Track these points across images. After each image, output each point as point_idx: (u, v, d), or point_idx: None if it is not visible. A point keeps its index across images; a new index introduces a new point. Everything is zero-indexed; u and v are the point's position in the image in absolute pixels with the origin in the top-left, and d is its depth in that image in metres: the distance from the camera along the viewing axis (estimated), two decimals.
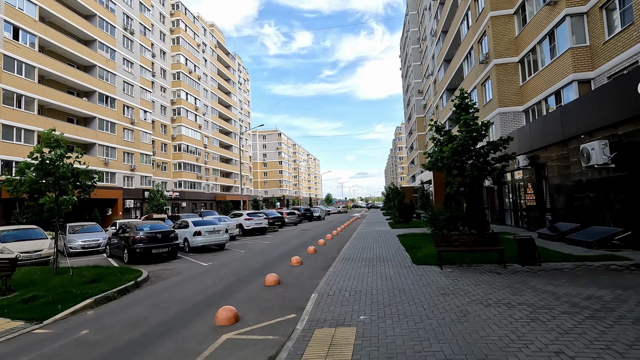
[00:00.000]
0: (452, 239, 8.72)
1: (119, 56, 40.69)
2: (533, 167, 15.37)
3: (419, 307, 5.49)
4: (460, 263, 8.78)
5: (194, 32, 59.40)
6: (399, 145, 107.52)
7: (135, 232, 12.28)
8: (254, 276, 9.22)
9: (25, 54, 29.58)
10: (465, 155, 11.34)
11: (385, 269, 8.64)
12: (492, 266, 8.37)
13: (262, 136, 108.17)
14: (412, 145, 61.49)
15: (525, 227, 16.74)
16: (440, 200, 23.09)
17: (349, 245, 13.99)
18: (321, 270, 9.47)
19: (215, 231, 14.94)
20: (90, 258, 14.30)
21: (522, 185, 16.94)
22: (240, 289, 7.94)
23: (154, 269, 11.07)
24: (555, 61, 16.14)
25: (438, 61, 37.61)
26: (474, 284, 6.78)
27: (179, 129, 53.35)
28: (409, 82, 61.64)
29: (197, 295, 7.44)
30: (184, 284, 8.69)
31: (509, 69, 20.36)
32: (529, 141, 15.26)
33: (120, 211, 37.22)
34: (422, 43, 51.02)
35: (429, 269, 8.36)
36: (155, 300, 7.20)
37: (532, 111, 19.06)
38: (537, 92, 17.94)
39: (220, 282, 8.74)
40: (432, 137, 12.24)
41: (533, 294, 5.95)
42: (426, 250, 10.75)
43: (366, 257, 10.61)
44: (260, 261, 11.79)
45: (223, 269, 10.49)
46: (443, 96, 35.89)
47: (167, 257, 13.08)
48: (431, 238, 13.92)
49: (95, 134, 36.52)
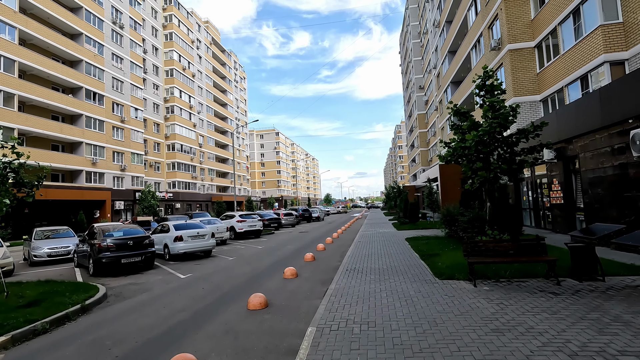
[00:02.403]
0: (485, 246, 6.91)
1: (107, 51, 38.79)
2: (560, 160, 13.58)
3: (469, 358, 3.68)
4: (496, 277, 6.97)
5: (188, 28, 57.49)
6: (398, 144, 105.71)
7: (102, 238, 10.42)
8: (237, 294, 7.39)
9: (4, 47, 27.67)
10: (491, 145, 9.54)
11: (402, 286, 6.82)
12: (540, 281, 6.56)
13: (259, 135, 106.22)
14: (413, 143, 59.69)
15: (550, 228, 14.95)
16: (448, 199, 21.19)
17: (352, 251, 12.17)
18: (321, 286, 7.66)
19: (200, 236, 13.08)
20: (55, 268, 12.45)
21: (546, 182, 15.14)
22: (216, 315, 6.11)
23: (120, 283, 9.23)
24: (580, 42, 14.37)
25: (442, 53, 35.84)
26: (531, 311, 4.97)
27: (172, 128, 51.44)
28: (410, 78, 59.87)
29: (156, 327, 5.61)
30: (147, 307, 6.85)
31: (524, 55, 18.57)
32: (555, 131, 13.46)
33: (109, 213, 35.31)
34: (424, 37, 49.26)
35: (459, 287, 6.54)
36: (98, 335, 5.36)
37: (551, 100, 17.28)
38: (558, 79, 16.16)
39: (193, 303, 6.91)
40: (452, 124, 10.43)
41: (626, 329, 4.15)
42: (447, 259, 8.94)
43: (375, 268, 8.80)
44: (249, 272, 9.96)
45: (202, 284, 8.66)
46: (447, 90, 34.11)
47: (142, 267, 11.23)
48: (447, 242, 12.10)
49: (82, 132, 34.61)
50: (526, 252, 6.71)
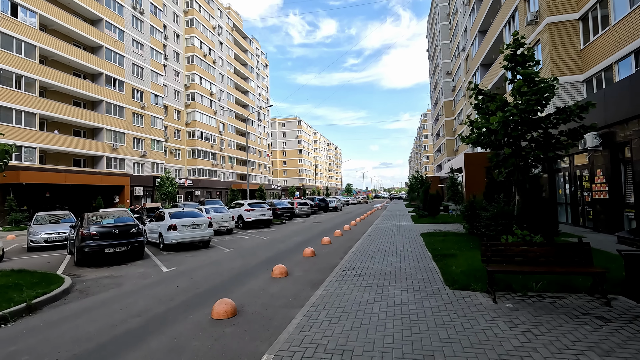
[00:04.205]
0: (510, 250, 5.48)
1: (127, 37, 38.74)
2: (607, 148, 11.62)
3: None
4: (523, 289, 5.53)
5: (209, 14, 56.86)
6: (424, 133, 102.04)
7: (85, 226, 9.71)
8: (210, 297, 6.36)
9: (25, 32, 27.87)
10: (524, 127, 7.92)
11: (403, 296, 5.54)
12: (582, 299, 5.08)
13: (282, 124, 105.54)
14: (439, 132, 56.91)
15: (590, 226, 13.04)
16: (473, 191, 19.38)
17: (358, 246, 10.91)
18: (309, 289, 6.50)
19: (195, 225, 12.22)
20: (49, 255, 12.00)
21: (588, 173, 13.17)
22: (173, 323, 5.10)
23: (96, 275, 8.47)
24: (637, 9, 12.20)
25: (471, 34, 33.19)
26: (572, 347, 3.58)
27: (193, 115, 51.39)
28: (437, 64, 56.75)
29: (94, 338, 4.65)
30: (103, 308, 5.94)
31: (566, 29, 16.31)
32: (602, 113, 11.48)
33: (128, 198, 35.67)
34: (452, 18, 46.17)
35: (474, 301, 5.18)
36: (19, 346, 4.44)
37: (596, 80, 15.09)
38: (606, 55, 13.98)
39: (156, 306, 5.94)
40: (476, 104, 8.82)
41: None
42: (463, 262, 7.54)
43: (376, 269, 7.53)
44: (238, 268, 8.95)
45: (180, 280, 7.71)
46: (476, 73, 31.60)
47: (130, 257, 10.49)
48: (467, 241, 10.60)
49: (102, 118, 34.88)
50: (564, 259, 5.23)
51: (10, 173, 24.77)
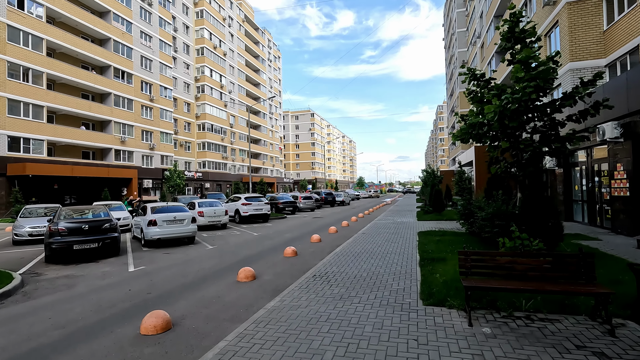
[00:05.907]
0: (494, 262, 4.54)
1: (136, 29, 38.59)
2: (629, 139, 10.30)
3: None
4: (510, 308, 4.59)
5: (220, 5, 56.28)
6: (439, 125, 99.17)
7: (54, 221, 9.26)
8: (158, 303, 5.70)
9: (32, 25, 27.96)
10: (522, 116, 6.84)
11: (364, 314, 4.68)
12: (581, 324, 4.11)
13: (294, 117, 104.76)
14: (454, 125, 54.87)
15: (608, 227, 11.75)
16: (484, 186, 18.24)
17: (344, 246, 10.07)
18: (268, 298, 5.74)
19: (177, 220, 11.65)
20: (32, 249, 11.67)
21: (607, 168, 11.84)
22: (93, 339, 4.45)
23: (57, 274, 7.97)
24: None
25: (487, 19, 31.31)
26: None
27: (203, 107, 51.22)
28: (452, 53, 54.50)
29: None
30: (35, 315, 5.35)
31: (587, 9, 14.79)
32: (625, 100, 10.16)
33: (135, 191, 35.81)
34: (469, 4, 43.95)
35: (445, 323, 4.28)
36: None
37: (620, 64, 13.61)
38: (634, 35, 12.50)
39: (92, 314, 5.32)
40: (468, 90, 7.76)
41: None
42: (451, 267, 6.61)
43: (351, 275, 6.69)
44: (207, 268, 8.28)
45: (137, 283, 7.09)
46: (492, 61, 29.83)
47: (104, 254, 10.00)
48: (464, 241, 9.56)
49: (110, 111, 34.97)
50: (560, 273, 4.26)
51: (16, 165, 25.03)
